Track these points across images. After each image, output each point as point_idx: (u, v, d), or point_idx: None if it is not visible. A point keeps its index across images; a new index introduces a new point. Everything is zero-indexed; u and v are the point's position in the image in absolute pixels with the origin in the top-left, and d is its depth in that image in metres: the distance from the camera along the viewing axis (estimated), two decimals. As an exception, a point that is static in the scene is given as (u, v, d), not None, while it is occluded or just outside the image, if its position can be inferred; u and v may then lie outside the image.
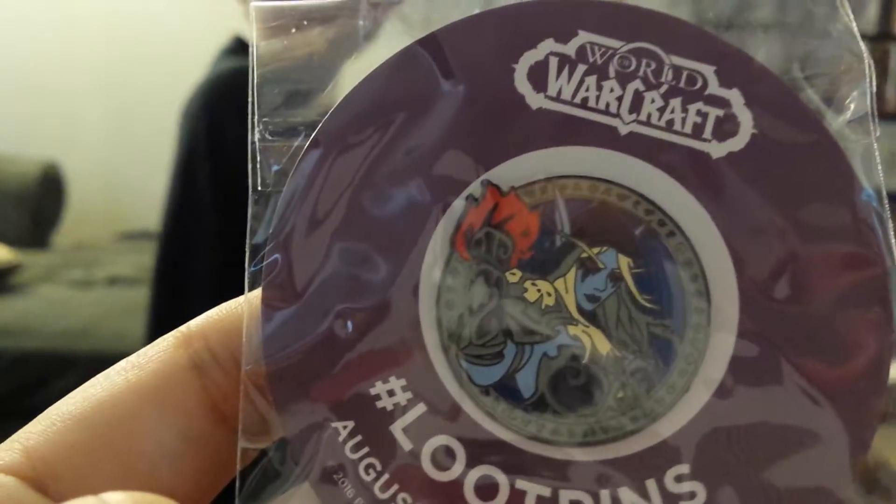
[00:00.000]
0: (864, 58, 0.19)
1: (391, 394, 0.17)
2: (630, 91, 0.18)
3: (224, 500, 0.18)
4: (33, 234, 1.86)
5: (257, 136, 0.19)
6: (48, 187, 1.91)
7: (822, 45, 0.19)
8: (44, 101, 2.04)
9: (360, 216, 0.18)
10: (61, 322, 1.34)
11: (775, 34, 0.19)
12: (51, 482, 0.16)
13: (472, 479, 0.17)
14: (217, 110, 0.86)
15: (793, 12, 0.20)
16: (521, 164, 0.18)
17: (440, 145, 0.18)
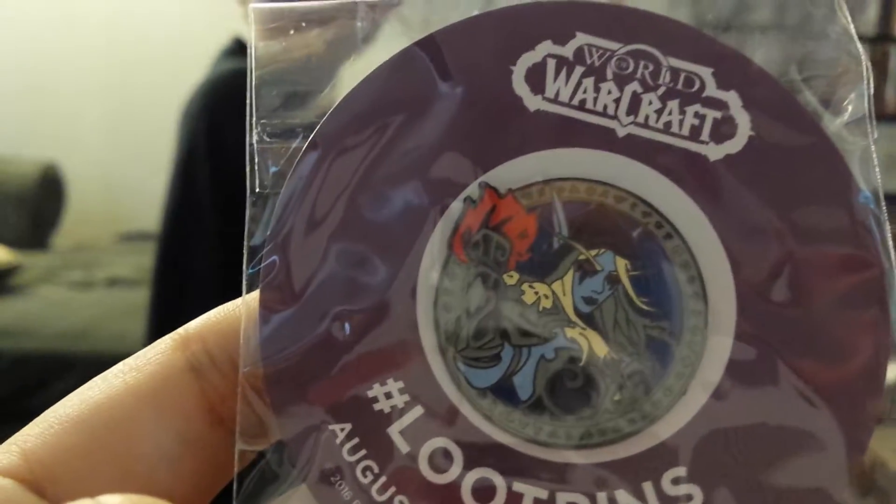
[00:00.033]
0: (861, 60, 0.19)
1: (388, 396, 0.17)
2: (628, 93, 0.18)
3: (222, 502, 0.18)
4: (33, 235, 1.86)
5: (255, 138, 0.19)
6: (48, 188, 1.91)
7: (819, 47, 0.19)
8: (43, 102, 2.05)
9: (358, 218, 0.18)
10: (61, 323, 1.34)
11: (773, 36, 0.19)
12: (48, 485, 0.16)
13: (469, 481, 0.17)
14: (217, 111, 0.86)
15: (791, 14, 0.20)
16: (519, 166, 0.18)
17: (438, 147, 0.18)
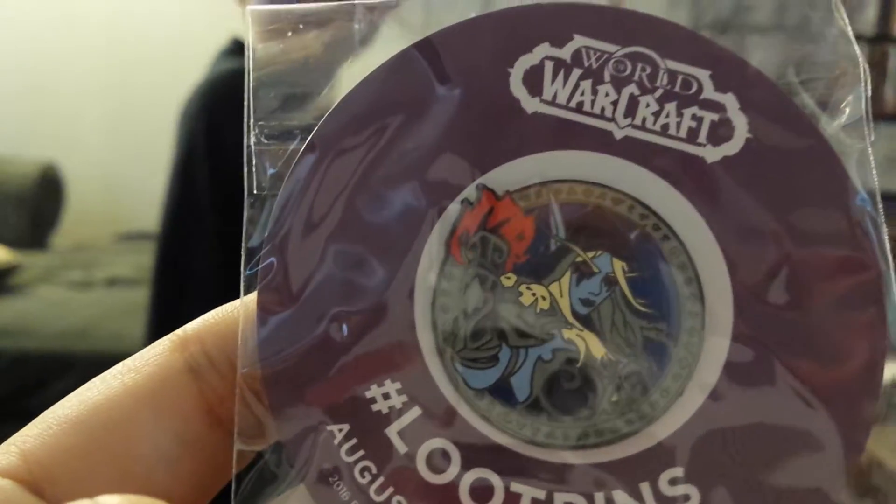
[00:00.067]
0: (859, 62, 0.19)
1: (386, 397, 0.17)
2: (625, 95, 0.18)
3: (220, 502, 0.18)
4: (32, 235, 1.86)
5: (253, 140, 0.19)
6: (47, 188, 1.91)
7: (817, 49, 0.19)
8: (43, 102, 2.05)
9: (356, 220, 0.18)
10: (60, 323, 1.34)
11: (771, 38, 0.19)
12: (47, 485, 0.16)
13: (467, 481, 0.17)
14: (216, 111, 0.85)
15: (790, 16, 0.20)
16: (517, 168, 0.18)
17: (436, 149, 0.18)
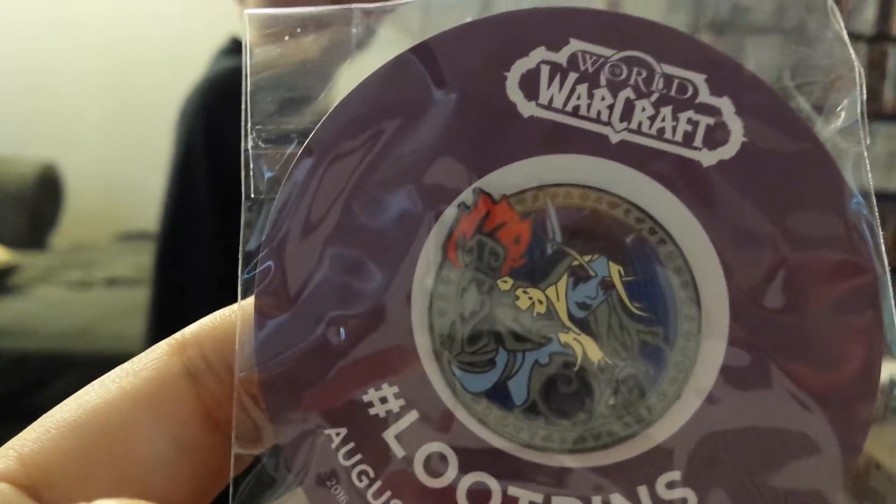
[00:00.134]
0: (855, 66, 0.19)
1: (384, 401, 0.17)
2: (621, 99, 0.18)
3: (218, 506, 0.19)
4: (31, 235, 1.86)
5: (250, 144, 0.19)
6: (46, 188, 1.91)
7: (813, 53, 0.19)
8: (42, 102, 2.04)
9: (353, 223, 0.18)
10: (60, 323, 1.34)
11: (767, 42, 0.19)
12: (45, 489, 0.16)
13: (464, 485, 0.17)
14: (214, 109, 0.85)
15: (788, 17, 0.20)
16: (513, 172, 0.18)
17: (432, 153, 0.18)
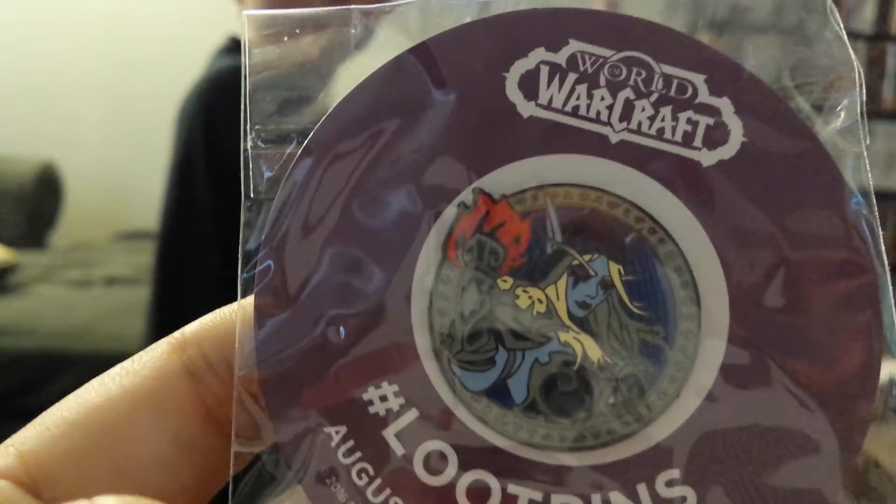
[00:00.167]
0: (854, 66, 0.19)
1: (384, 399, 0.17)
2: (621, 99, 0.18)
3: (218, 504, 0.19)
4: (31, 235, 1.86)
5: (250, 144, 0.19)
6: (46, 187, 1.91)
7: (812, 53, 0.19)
8: (42, 102, 2.04)
9: (353, 223, 0.18)
10: (59, 322, 1.34)
11: (766, 42, 0.19)
12: (45, 486, 0.16)
13: (464, 483, 0.17)
14: (214, 108, 0.85)
15: (787, 17, 0.20)
16: (513, 171, 0.18)
17: (432, 153, 0.18)
